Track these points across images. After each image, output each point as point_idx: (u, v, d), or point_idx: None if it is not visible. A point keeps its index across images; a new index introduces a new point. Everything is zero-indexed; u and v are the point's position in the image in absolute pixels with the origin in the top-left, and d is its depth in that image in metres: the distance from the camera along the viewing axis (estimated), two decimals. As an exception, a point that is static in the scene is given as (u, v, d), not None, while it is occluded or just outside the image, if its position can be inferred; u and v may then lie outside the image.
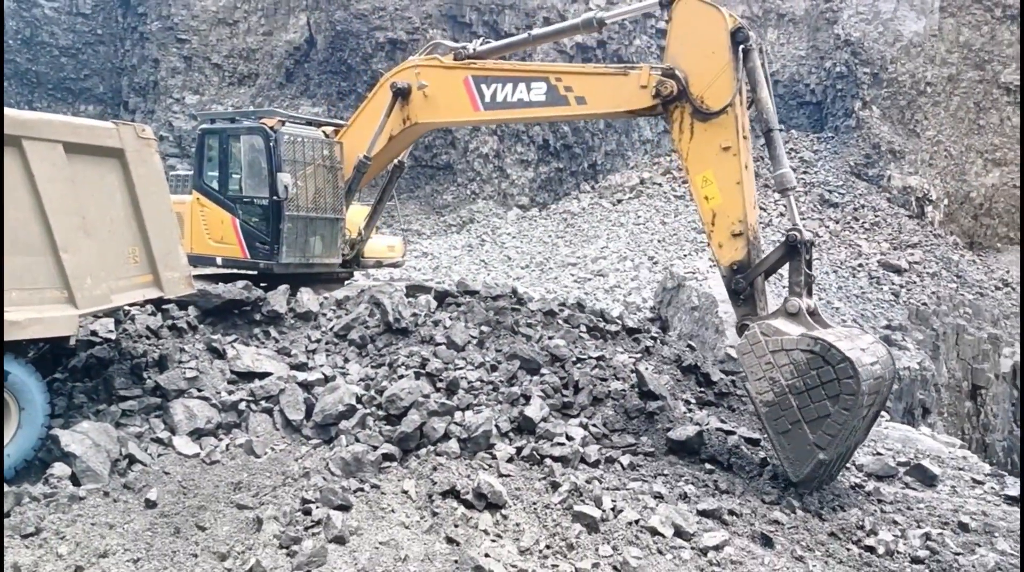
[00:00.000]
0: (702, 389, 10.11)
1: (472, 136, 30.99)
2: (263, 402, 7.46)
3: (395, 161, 12.40)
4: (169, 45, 31.06)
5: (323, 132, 11.75)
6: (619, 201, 28.30)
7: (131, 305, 7.38)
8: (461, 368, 8.56)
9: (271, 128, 10.92)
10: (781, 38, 33.07)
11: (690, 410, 9.17)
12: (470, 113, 10.02)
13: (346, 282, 13.05)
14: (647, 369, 9.38)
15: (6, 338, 5.79)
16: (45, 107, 30.99)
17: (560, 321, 10.61)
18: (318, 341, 9.07)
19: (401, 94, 10.58)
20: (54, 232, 6.09)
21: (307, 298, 9.64)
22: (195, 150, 11.85)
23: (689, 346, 11.57)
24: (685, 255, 21.80)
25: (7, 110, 5.99)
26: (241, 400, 7.33)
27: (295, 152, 10.95)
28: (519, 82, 9.47)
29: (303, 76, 30.70)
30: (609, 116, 9.20)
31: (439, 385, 8.24)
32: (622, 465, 7.55)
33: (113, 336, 7.76)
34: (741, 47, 7.90)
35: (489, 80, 9.70)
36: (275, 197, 10.70)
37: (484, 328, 9.61)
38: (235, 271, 10.97)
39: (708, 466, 7.85)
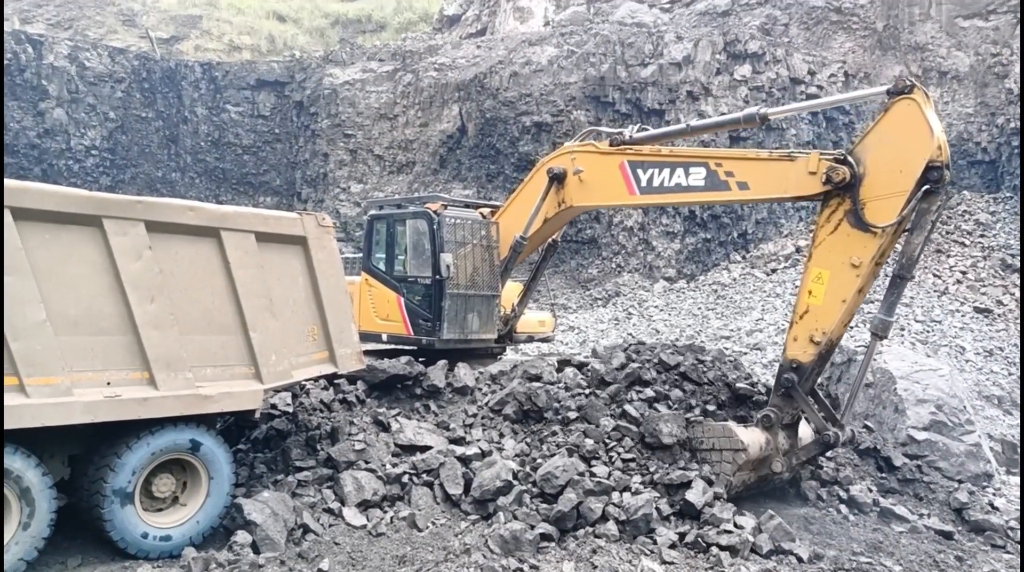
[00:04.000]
0: (883, 475, 9.26)
1: (616, 210, 31.16)
2: (424, 475, 7.62)
3: (548, 240, 12.67)
4: (337, 140, 33.91)
5: (480, 214, 12.24)
6: (773, 270, 27.20)
7: (308, 380, 7.86)
8: (613, 445, 8.37)
9: (435, 212, 11.50)
10: (945, 96, 31.17)
11: (875, 502, 8.40)
12: (625, 197, 10.01)
13: (499, 357, 13.27)
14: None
15: (201, 411, 6.33)
16: (229, 200, 34.50)
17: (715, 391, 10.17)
18: (474, 415, 9.22)
19: (557, 178, 10.81)
20: (245, 313, 6.66)
21: (464, 373, 9.88)
22: (364, 234, 12.70)
23: (866, 427, 10.70)
24: (852, 326, 20.43)
25: (206, 205, 6.71)
26: (404, 473, 7.53)
27: (456, 233, 11.44)
28: (677, 167, 9.33)
29: (455, 162, 32.38)
30: (771, 200, 8.98)
31: (593, 464, 8.08)
32: (798, 557, 6.98)
33: (291, 409, 8.28)
34: (926, 186, 7.43)
35: (646, 166, 9.61)
36: (438, 276, 11.17)
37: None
38: (398, 347, 11.46)
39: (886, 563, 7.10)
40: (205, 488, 6.43)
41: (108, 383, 5.80)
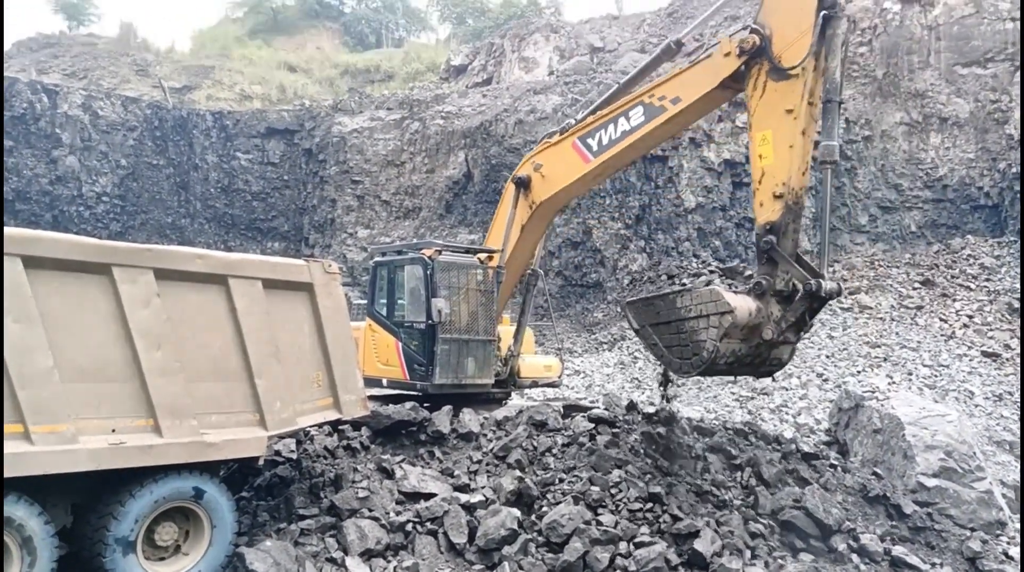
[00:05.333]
0: (894, 523, 9.12)
1: (621, 254, 31.30)
2: (428, 523, 7.54)
3: (529, 269, 12.71)
4: (345, 186, 34.33)
5: (479, 258, 12.35)
6: (779, 315, 27.21)
7: (312, 426, 7.84)
8: (619, 495, 8.28)
9: (429, 257, 11.61)
10: (946, 142, 31.49)
11: (886, 551, 8.26)
12: (582, 168, 10.41)
13: (504, 402, 13.19)
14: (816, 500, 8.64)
15: (205, 459, 6.31)
16: (238, 245, 34.81)
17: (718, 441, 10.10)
18: (479, 462, 9.15)
19: (522, 183, 11.35)
20: (251, 359, 6.68)
21: (468, 419, 9.84)
22: (369, 280, 12.78)
23: (875, 474, 10.57)
24: (859, 371, 20.29)
25: (214, 253, 6.80)
26: (408, 521, 7.46)
27: (450, 278, 11.52)
28: (618, 118, 9.88)
29: (461, 207, 32.69)
30: (705, 105, 9.28)
31: (600, 512, 7.99)
32: (808, 607, 6.85)
33: (294, 456, 8.24)
34: (823, 12, 7.86)
35: (593, 131, 10.21)
36: (430, 321, 11.18)
37: (645, 451, 9.32)
38: (401, 392, 11.44)
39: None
40: (208, 537, 6.37)
41: (113, 430, 5.80)
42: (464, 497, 7.95)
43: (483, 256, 12.43)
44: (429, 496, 7.91)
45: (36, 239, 5.59)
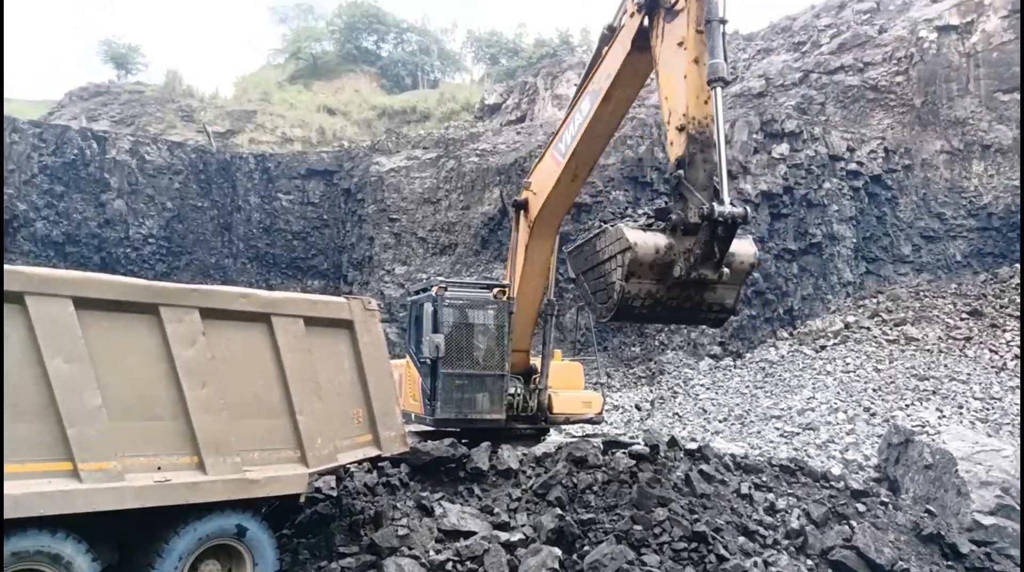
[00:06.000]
0: (950, 563, 8.76)
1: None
2: (468, 563, 7.45)
3: (544, 299, 12.70)
4: (382, 224, 34.85)
5: (494, 293, 12.48)
6: (822, 347, 26.57)
7: (352, 463, 7.86)
8: (662, 535, 8.10)
9: (435, 294, 11.87)
10: (989, 169, 30.88)
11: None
12: (556, 170, 10.78)
13: (542, 438, 13.07)
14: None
15: (248, 496, 6.35)
16: (279, 284, 35.43)
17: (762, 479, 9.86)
18: (519, 499, 9.05)
19: (522, 207, 11.77)
20: (292, 397, 6.75)
21: (507, 455, 9.76)
22: (407, 318, 13.09)
23: (928, 511, 10.19)
24: (907, 405, 19.70)
25: (258, 292, 6.93)
26: (448, 560, 7.38)
27: (454, 314, 11.76)
28: (575, 114, 10.29)
29: (496, 242, 32.89)
30: (630, 74, 9.42)
31: (643, 552, 7.82)
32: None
33: (335, 493, 8.25)
34: None
35: (561, 135, 10.69)
36: (431, 357, 11.39)
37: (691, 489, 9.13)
38: (421, 427, 11.65)
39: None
40: (249, 575, 6.39)
41: (159, 468, 5.89)
42: (504, 535, 7.86)
43: (497, 291, 12.53)
44: (469, 534, 7.83)
45: (87, 281, 5.76)
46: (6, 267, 5.36)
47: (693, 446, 10.92)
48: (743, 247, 8.03)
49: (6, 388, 5.21)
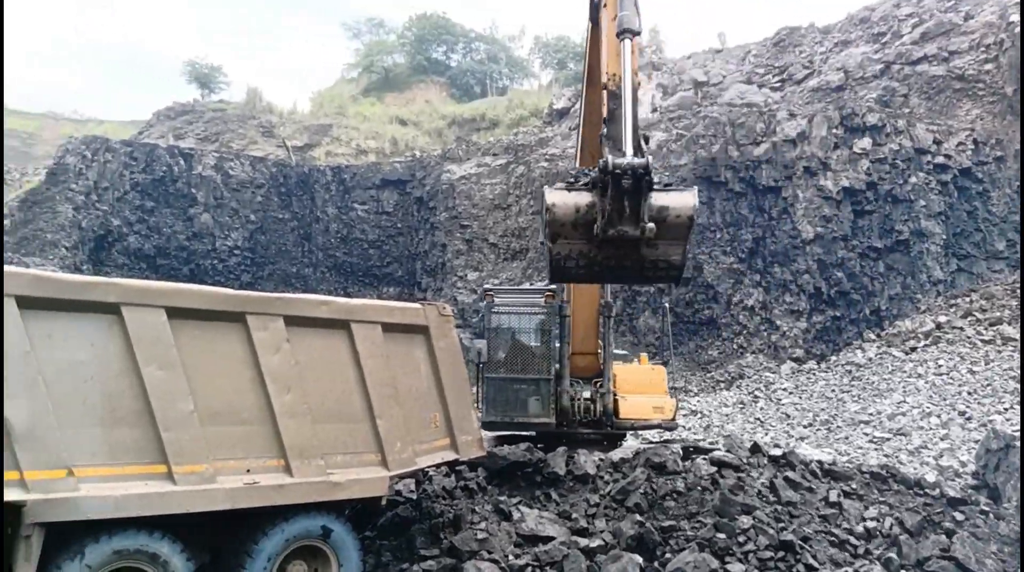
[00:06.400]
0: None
1: (735, 289, 30.39)
2: (548, 568, 7.41)
3: (601, 300, 12.61)
4: (454, 231, 35.30)
5: (544, 300, 12.62)
6: (912, 349, 25.38)
7: (431, 467, 7.94)
8: (747, 543, 7.86)
9: (485, 301, 12.30)
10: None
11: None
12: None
13: (619, 443, 12.91)
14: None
15: (332, 498, 6.49)
16: (356, 291, 36.33)
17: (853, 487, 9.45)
18: (596, 505, 8.96)
19: None
20: (372, 401, 6.88)
21: (584, 460, 9.68)
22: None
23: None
24: (1006, 409, 18.57)
25: (338, 299, 7.08)
26: (527, 564, 7.36)
27: (500, 320, 12.20)
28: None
29: (568, 246, 32.91)
30: (594, 51, 9.34)
31: (727, 560, 7.61)
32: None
33: (414, 496, 8.35)
34: None
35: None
36: (478, 362, 11.76)
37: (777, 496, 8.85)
38: (517, 433, 11.62)
39: None
40: (335, 576, 6.53)
41: (248, 470, 6.07)
42: (583, 541, 7.78)
43: (547, 296, 12.66)
44: (547, 539, 7.79)
45: (178, 291, 6.01)
46: (102, 280, 5.64)
47: (777, 452, 10.58)
48: (680, 199, 7.37)
49: (106, 396, 5.48)
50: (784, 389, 25.48)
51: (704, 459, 9.93)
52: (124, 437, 5.54)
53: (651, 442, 14.35)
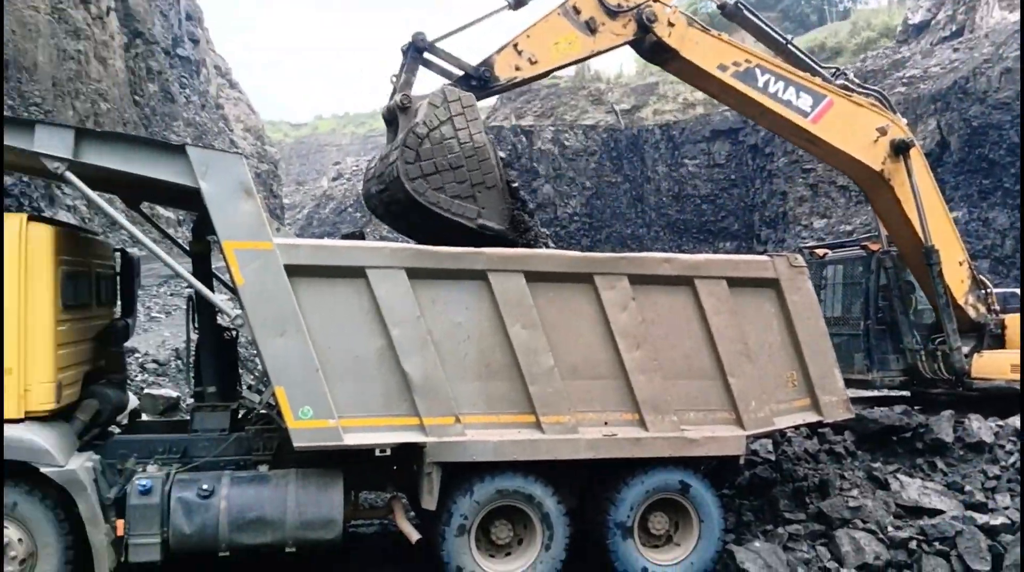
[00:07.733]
0: None
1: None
2: (936, 543, 6.57)
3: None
4: (795, 177, 32.83)
5: (862, 249, 12.09)
6: None
7: (789, 428, 7.51)
8: None
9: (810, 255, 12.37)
10: None
11: None
12: None
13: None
14: None
15: (689, 454, 6.49)
16: (691, 248, 35.88)
17: None
18: (996, 477, 7.68)
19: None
20: (722, 359, 6.68)
21: (978, 426, 8.35)
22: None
23: None
24: None
25: (679, 255, 6.97)
26: (911, 538, 6.63)
27: (834, 274, 12.54)
28: None
29: (938, 181, 28.57)
30: None
31: None
32: None
33: (772, 457, 7.99)
34: None
35: None
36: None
37: None
38: (891, 394, 10.55)
39: None
40: (696, 530, 6.55)
41: (605, 423, 6.37)
42: (981, 518, 6.74)
43: (865, 245, 12.11)
44: (935, 512, 6.90)
45: (533, 257, 6.48)
46: (470, 250, 6.24)
47: None
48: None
49: (481, 352, 6.13)
50: None
51: None
52: (498, 389, 6.17)
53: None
